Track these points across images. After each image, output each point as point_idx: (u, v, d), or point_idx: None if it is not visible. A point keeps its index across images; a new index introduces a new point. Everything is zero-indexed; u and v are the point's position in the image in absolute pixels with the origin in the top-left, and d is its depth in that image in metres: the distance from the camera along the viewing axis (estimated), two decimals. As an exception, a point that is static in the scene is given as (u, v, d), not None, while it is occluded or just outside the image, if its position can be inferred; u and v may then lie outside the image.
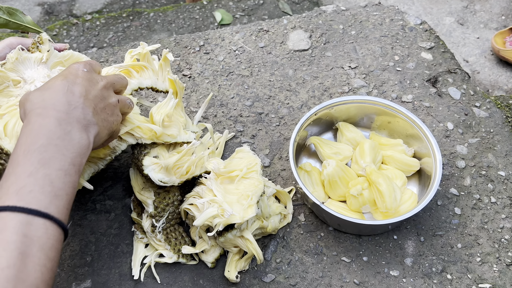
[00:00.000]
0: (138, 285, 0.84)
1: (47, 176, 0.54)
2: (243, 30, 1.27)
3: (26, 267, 0.48)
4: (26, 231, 0.50)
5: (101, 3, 2.26)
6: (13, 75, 0.81)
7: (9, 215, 0.50)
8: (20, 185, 0.52)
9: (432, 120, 1.06)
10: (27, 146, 0.55)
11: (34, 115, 0.59)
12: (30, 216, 0.51)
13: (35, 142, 0.56)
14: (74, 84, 0.64)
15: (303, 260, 0.87)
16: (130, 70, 0.88)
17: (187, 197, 0.85)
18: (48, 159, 0.55)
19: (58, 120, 0.59)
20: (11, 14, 0.91)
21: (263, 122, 1.07)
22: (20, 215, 0.50)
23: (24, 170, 0.53)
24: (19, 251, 0.48)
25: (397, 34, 1.25)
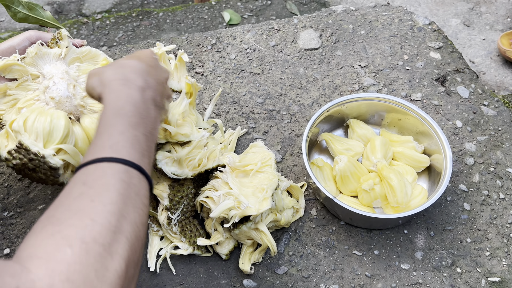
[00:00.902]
0: (154, 276, 0.86)
1: (135, 137, 0.58)
2: (254, 29, 1.29)
3: (126, 205, 0.51)
4: (124, 177, 0.53)
5: (109, 3, 2.29)
6: (32, 70, 0.83)
7: (107, 165, 0.53)
8: (114, 141, 0.56)
9: (441, 118, 1.08)
10: (117, 110, 0.59)
11: (119, 84, 0.62)
12: (126, 166, 0.54)
13: (123, 107, 0.60)
14: (148, 67, 0.68)
15: (315, 253, 0.89)
16: None
17: (203, 190, 0.86)
18: (135, 123, 0.59)
19: (140, 93, 0.63)
20: (31, 9, 0.93)
21: (274, 119, 1.09)
22: (117, 164, 0.53)
23: (116, 129, 0.57)
24: (119, 192, 0.51)
25: (406, 34, 1.27)
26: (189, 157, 0.84)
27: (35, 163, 0.73)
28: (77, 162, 0.78)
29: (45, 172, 0.74)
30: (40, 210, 0.94)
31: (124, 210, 0.50)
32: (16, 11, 0.91)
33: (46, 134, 0.75)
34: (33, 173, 0.75)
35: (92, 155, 0.55)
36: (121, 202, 0.50)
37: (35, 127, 0.75)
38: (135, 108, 0.61)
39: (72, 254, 0.43)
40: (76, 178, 0.53)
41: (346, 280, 0.86)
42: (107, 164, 0.54)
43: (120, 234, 0.48)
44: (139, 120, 0.60)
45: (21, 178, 0.99)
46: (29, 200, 0.96)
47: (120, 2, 2.29)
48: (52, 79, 0.83)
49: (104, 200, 0.49)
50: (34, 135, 0.75)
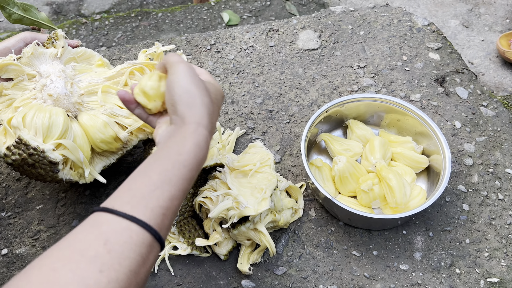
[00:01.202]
0: (152, 276, 0.86)
1: (178, 206, 0.56)
2: (253, 29, 1.29)
3: (130, 285, 0.48)
4: (144, 252, 0.50)
5: (109, 3, 2.29)
6: (28, 69, 0.83)
7: (138, 230, 0.50)
8: (159, 204, 0.53)
9: (440, 119, 1.08)
10: (186, 172, 0.56)
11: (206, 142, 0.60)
12: (153, 239, 0.51)
13: (192, 170, 0.57)
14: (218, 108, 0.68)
15: (314, 253, 0.89)
16: (143, 67, 0.90)
17: (201, 191, 0.86)
18: (186, 191, 0.57)
19: (207, 148, 0.61)
20: (26, 10, 0.93)
21: (273, 119, 1.08)
22: (146, 234, 0.50)
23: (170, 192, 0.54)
24: (130, 269, 0.48)
25: (405, 35, 1.27)
26: None
27: (34, 158, 0.73)
28: (76, 157, 0.78)
29: (45, 168, 0.74)
30: (38, 210, 0.94)
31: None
32: (11, 12, 0.91)
33: (45, 129, 0.75)
34: (32, 169, 0.75)
35: (132, 207, 0.51)
36: (127, 281, 0.47)
37: (34, 123, 0.75)
38: (196, 174, 0.59)
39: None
40: (102, 229, 0.49)
41: (344, 280, 0.85)
42: (138, 230, 0.50)
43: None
44: (189, 185, 0.58)
45: (19, 178, 0.99)
46: (27, 200, 0.96)
47: (119, 2, 2.29)
48: (49, 78, 0.83)
49: (111, 276, 0.46)
50: (34, 130, 0.75)
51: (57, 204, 0.95)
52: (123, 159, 1.01)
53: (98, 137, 0.83)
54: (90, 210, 0.94)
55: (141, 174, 0.55)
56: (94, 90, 0.86)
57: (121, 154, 0.90)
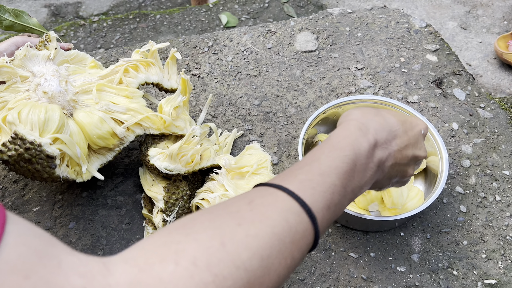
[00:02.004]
0: (149, 278, 0.85)
1: (333, 186, 0.52)
2: (251, 31, 1.29)
3: (271, 248, 0.44)
4: (290, 218, 0.47)
5: (107, 5, 2.29)
6: (21, 71, 0.82)
7: (283, 197, 0.48)
8: (308, 177, 0.51)
9: (437, 121, 1.08)
10: (335, 150, 0.55)
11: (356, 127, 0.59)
12: (301, 208, 0.48)
13: (343, 149, 0.56)
14: (403, 133, 0.64)
15: (311, 255, 0.88)
16: (138, 65, 0.90)
17: (199, 192, 0.86)
18: (343, 172, 0.54)
19: (369, 147, 0.58)
20: (17, 16, 0.93)
21: (271, 121, 1.08)
22: (293, 202, 0.48)
23: (319, 167, 0.53)
24: (273, 230, 0.44)
25: (402, 37, 1.27)
26: (181, 153, 0.84)
27: (31, 152, 0.72)
28: (73, 152, 0.78)
29: (42, 163, 0.73)
30: (35, 212, 0.94)
31: (265, 251, 0.43)
32: (2, 19, 0.91)
33: (41, 124, 0.74)
34: (28, 165, 0.74)
35: (281, 179, 0.51)
36: (268, 242, 0.44)
37: (30, 118, 0.74)
38: (354, 156, 0.56)
39: (172, 272, 0.37)
40: (250, 193, 0.49)
41: (342, 282, 0.85)
42: (284, 196, 0.48)
43: (243, 273, 0.40)
44: (349, 170, 0.55)
45: (16, 180, 0.99)
46: (24, 202, 0.96)
47: (118, 4, 2.29)
48: (43, 77, 0.82)
49: (250, 230, 0.43)
50: (30, 125, 0.74)
51: (54, 206, 0.95)
52: (121, 161, 1.01)
53: (95, 133, 0.82)
54: (90, 210, 0.93)
55: (295, 163, 0.57)
56: (88, 89, 0.86)
57: (117, 151, 0.89)
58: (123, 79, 0.89)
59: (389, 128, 0.62)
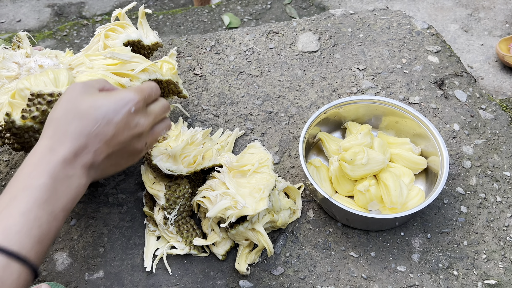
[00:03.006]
0: (150, 276, 0.86)
1: (38, 219, 0.53)
2: (253, 31, 1.30)
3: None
4: (1, 274, 0.48)
5: (110, 5, 2.30)
6: (4, 72, 0.82)
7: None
8: (10, 223, 0.51)
9: (438, 121, 1.08)
10: (29, 180, 0.54)
11: (47, 148, 0.57)
12: (10, 259, 0.49)
13: (38, 178, 0.54)
14: (106, 125, 0.59)
15: (311, 254, 0.89)
16: (115, 28, 0.92)
17: (200, 190, 0.87)
18: (44, 200, 0.54)
19: (65, 163, 0.57)
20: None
21: (272, 121, 1.09)
22: (0, 256, 0.49)
23: (18, 207, 0.52)
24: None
25: (404, 38, 1.27)
26: (184, 153, 0.84)
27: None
28: None
29: None
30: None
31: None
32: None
33: (53, 80, 0.74)
34: None
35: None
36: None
37: (40, 80, 0.74)
38: (50, 181, 0.54)
39: None
40: None
41: (342, 281, 0.85)
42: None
43: None
44: (50, 196, 0.54)
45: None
46: (26, 199, 0.96)
47: (120, 5, 2.30)
48: (32, 60, 0.82)
49: None
50: (42, 84, 0.74)
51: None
52: (122, 159, 1.01)
53: None
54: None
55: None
56: (78, 62, 0.85)
57: None
58: (107, 43, 0.89)
59: (88, 131, 0.58)
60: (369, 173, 0.90)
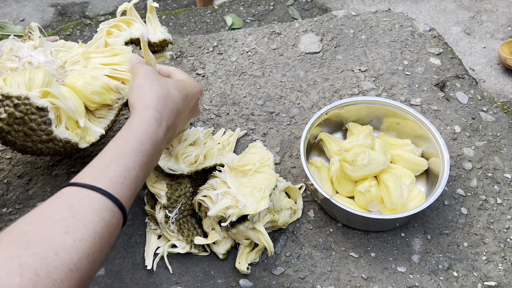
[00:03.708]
0: (150, 274, 0.86)
1: (137, 177, 0.62)
2: (256, 32, 1.30)
3: (95, 245, 0.53)
4: (106, 216, 0.56)
5: (113, 5, 2.31)
6: (10, 64, 0.80)
7: (98, 197, 0.56)
8: (117, 174, 0.59)
9: (440, 123, 1.09)
10: (137, 144, 0.63)
11: (153, 118, 0.67)
12: (114, 204, 0.57)
13: (144, 144, 0.64)
14: (186, 107, 0.75)
15: (312, 254, 0.89)
16: (119, 24, 0.88)
17: (201, 189, 0.87)
18: (144, 163, 0.63)
19: (164, 134, 0.68)
20: (3, 28, 0.93)
21: (274, 121, 1.09)
22: (107, 201, 0.57)
23: (125, 163, 0.61)
24: (94, 230, 0.53)
25: (406, 40, 1.28)
26: (185, 153, 0.84)
27: (21, 109, 0.69)
28: (67, 105, 0.75)
29: (35, 119, 0.70)
30: (39, 207, 0.95)
31: (91, 250, 0.52)
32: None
33: (27, 81, 0.72)
34: (23, 127, 0.71)
35: (92, 179, 0.58)
36: (92, 242, 0.53)
37: (15, 81, 0.73)
38: (152, 149, 0.65)
39: (18, 283, 0.45)
40: (66, 197, 0.56)
41: (342, 281, 0.86)
42: (98, 197, 0.56)
43: (76, 273, 0.50)
44: (149, 160, 0.64)
45: (21, 174, 0.99)
46: (28, 197, 0.96)
47: (124, 5, 2.31)
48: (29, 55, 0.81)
49: (77, 236, 0.51)
50: (16, 85, 0.72)
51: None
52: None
53: (89, 89, 0.78)
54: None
55: (99, 155, 0.62)
56: (75, 59, 0.83)
57: (118, 108, 0.84)
58: (108, 41, 0.86)
59: (177, 109, 0.72)
60: (370, 174, 0.90)
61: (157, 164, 0.82)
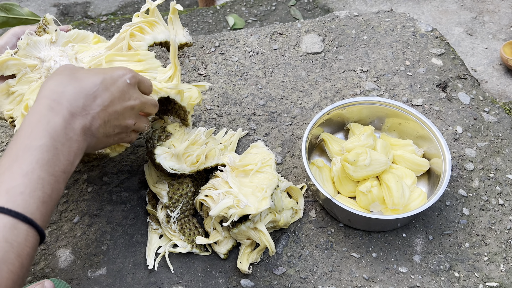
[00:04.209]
0: (152, 274, 0.86)
1: (40, 180, 0.53)
2: (258, 32, 1.30)
3: (2, 272, 0.47)
4: (8, 235, 0.48)
5: (115, 6, 2.31)
6: (28, 61, 0.81)
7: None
8: (13, 184, 0.51)
9: (441, 124, 1.08)
10: (30, 141, 0.54)
11: (46, 107, 0.57)
12: (16, 220, 0.50)
13: (39, 139, 0.54)
14: (104, 90, 0.62)
15: (313, 254, 0.89)
16: (142, 26, 0.87)
17: (203, 189, 0.87)
18: (46, 161, 0.54)
19: (66, 123, 0.57)
20: (9, 10, 0.90)
21: (276, 121, 1.09)
22: (7, 218, 0.49)
23: (20, 168, 0.52)
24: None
25: (408, 40, 1.27)
26: (187, 153, 0.84)
27: None
28: None
29: None
30: (41, 206, 0.95)
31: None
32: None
33: None
34: None
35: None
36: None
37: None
38: (53, 141, 0.55)
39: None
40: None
41: (343, 282, 0.86)
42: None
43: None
44: (51, 157, 0.54)
45: (23, 174, 1.00)
46: None
47: (126, 5, 2.31)
48: (52, 59, 0.82)
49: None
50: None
51: (59, 200, 0.96)
52: (127, 158, 1.02)
53: None
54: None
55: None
56: (99, 62, 0.82)
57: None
58: (131, 44, 0.85)
59: (85, 93, 0.60)
60: (372, 174, 0.90)
61: (159, 163, 0.82)
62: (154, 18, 0.88)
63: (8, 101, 0.82)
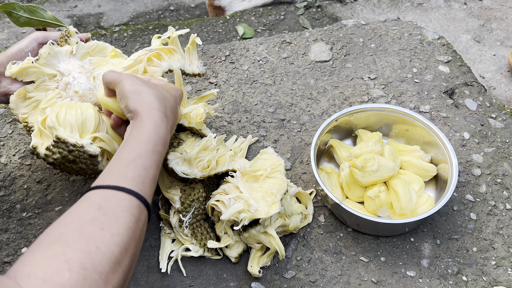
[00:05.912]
0: (165, 277, 0.88)
1: (154, 176, 0.65)
2: (267, 41, 1.33)
3: (130, 239, 0.56)
4: (135, 212, 0.59)
5: (127, 17, 2.36)
6: (48, 70, 0.86)
7: (124, 196, 0.59)
8: (137, 174, 0.62)
9: (449, 130, 1.10)
10: (153, 145, 0.66)
11: (160, 118, 0.69)
12: (139, 201, 0.60)
13: (157, 144, 0.67)
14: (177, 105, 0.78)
15: (322, 258, 0.91)
16: (160, 53, 0.91)
17: (214, 194, 0.89)
18: (158, 163, 0.67)
19: (170, 133, 0.72)
20: (33, 12, 0.94)
21: (285, 128, 1.11)
22: (133, 198, 0.60)
23: (143, 163, 0.64)
24: (127, 225, 0.56)
25: (415, 48, 1.29)
26: (198, 158, 0.87)
27: (74, 154, 0.76)
28: (113, 148, 0.81)
29: (85, 162, 0.78)
30: (57, 211, 0.98)
31: (128, 243, 0.55)
32: (18, 16, 0.93)
33: (79, 125, 0.78)
34: (73, 165, 0.78)
35: (114, 180, 0.61)
36: (127, 236, 0.56)
37: (68, 120, 0.79)
38: (163, 148, 0.68)
39: (69, 278, 0.47)
40: (93, 199, 0.58)
41: (352, 285, 0.87)
42: (124, 195, 0.59)
43: (119, 266, 0.53)
44: (161, 159, 0.68)
45: (40, 180, 1.03)
46: (46, 201, 1.00)
47: (138, 15, 2.36)
48: (71, 75, 0.86)
49: (113, 231, 0.54)
50: (69, 128, 0.78)
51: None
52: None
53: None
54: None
55: (115, 158, 0.65)
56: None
57: None
58: (147, 69, 0.89)
59: (173, 110, 0.74)
60: (380, 180, 0.92)
61: (171, 168, 0.85)
62: (173, 46, 0.92)
63: (24, 104, 0.87)
